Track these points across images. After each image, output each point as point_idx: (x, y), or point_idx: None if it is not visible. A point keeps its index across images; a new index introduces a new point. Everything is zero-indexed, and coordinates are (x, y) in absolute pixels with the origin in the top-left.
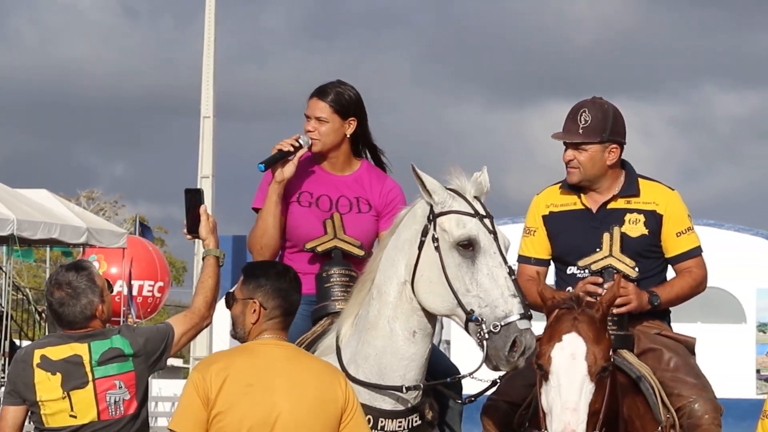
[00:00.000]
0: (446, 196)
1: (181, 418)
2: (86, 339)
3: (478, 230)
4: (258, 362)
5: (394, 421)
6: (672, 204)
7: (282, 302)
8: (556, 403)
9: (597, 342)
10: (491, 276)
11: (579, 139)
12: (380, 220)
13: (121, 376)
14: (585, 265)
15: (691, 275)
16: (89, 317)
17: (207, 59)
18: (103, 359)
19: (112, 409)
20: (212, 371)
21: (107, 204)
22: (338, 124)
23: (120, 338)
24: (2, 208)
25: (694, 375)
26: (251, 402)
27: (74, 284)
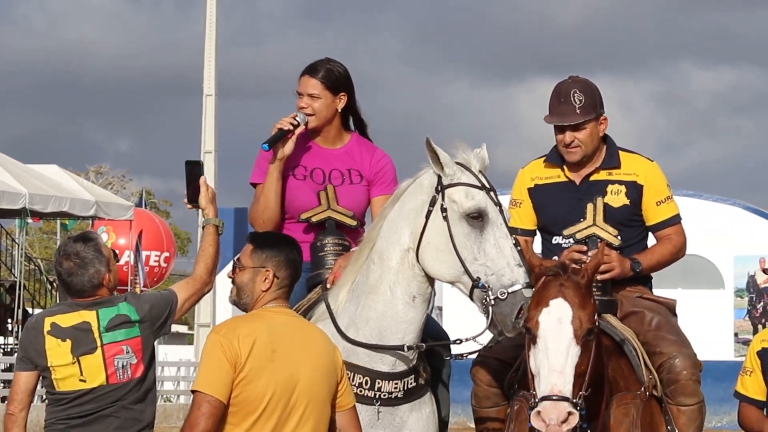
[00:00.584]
0: (456, 168)
1: (209, 379)
2: (94, 306)
3: (486, 202)
4: (276, 329)
5: (391, 383)
6: (651, 175)
7: (292, 272)
8: (544, 366)
9: (582, 307)
10: (498, 246)
11: (580, 119)
12: (371, 188)
13: (128, 341)
14: (570, 235)
15: (671, 242)
16: (97, 286)
17: (209, 40)
18: (111, 325)
19: (119, 373)
20: (240, 336)
21: (115, 178)
22: (330, 100)
23: (126, 305)
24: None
25: (674, 332)
26: (276, 368)
27: (82, 254)
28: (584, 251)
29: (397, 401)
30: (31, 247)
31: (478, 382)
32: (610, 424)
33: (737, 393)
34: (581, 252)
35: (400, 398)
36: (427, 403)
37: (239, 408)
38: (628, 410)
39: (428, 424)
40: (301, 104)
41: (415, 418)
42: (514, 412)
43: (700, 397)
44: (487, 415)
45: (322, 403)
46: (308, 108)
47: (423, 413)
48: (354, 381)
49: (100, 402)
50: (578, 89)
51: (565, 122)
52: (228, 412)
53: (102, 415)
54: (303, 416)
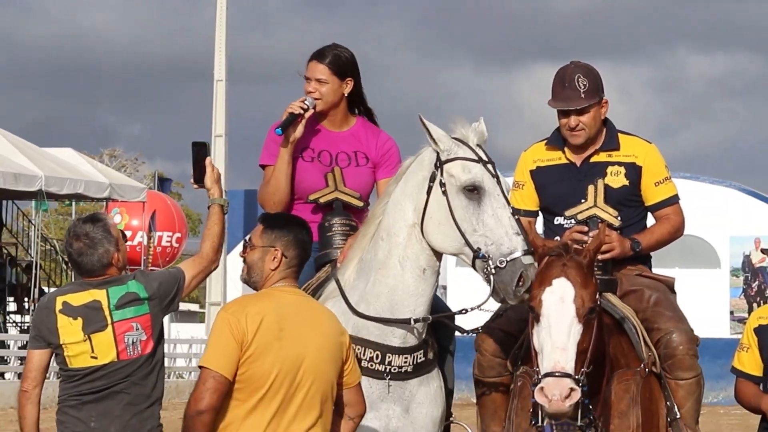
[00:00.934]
0: (451, 144)
1: (215, 356)
2: (104, 285)
3: (483, 175)
4: (284, 308)
5: (401, 357)
6: (650, 156)
7: (301, 252)
8: (547, 343)
9: (584, 286)
10: (496, 216)
11: (585, 104)
12: (377, 170)
13: (137, 318)
14: (571, 215)
15: (670, 222)
16: (106, 265)
17: (219, 27)
18: (121, 303)
19: (130, 350)
20: (248, 314)
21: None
22: (337, 85)
23: (135, 283)
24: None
25: (671, 309)
26: (283, 346)
27: (91, 235)
28: (585, 232)
29: (407, 375)
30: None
31: (483, 352)
32: (611, 399)
33: (734, 369)
34: (582, 232)
35: (410, 372)
36: (434, 377)
37: (246, 385)
38: (629, 386)
39: (436, 398)
40: (309, 89)
41: (424, 392)
42: (517, 388)
43: (697, 371)
44: (490, 384)
45: (327, 382)
46: (316, 92)
47: (431, 387)
48: (365, 355)
49: (111, 378)
50: (582, 74)
51: (571, 107)
52: (235, 388)
53: (113, 391)
54: (308, 394)
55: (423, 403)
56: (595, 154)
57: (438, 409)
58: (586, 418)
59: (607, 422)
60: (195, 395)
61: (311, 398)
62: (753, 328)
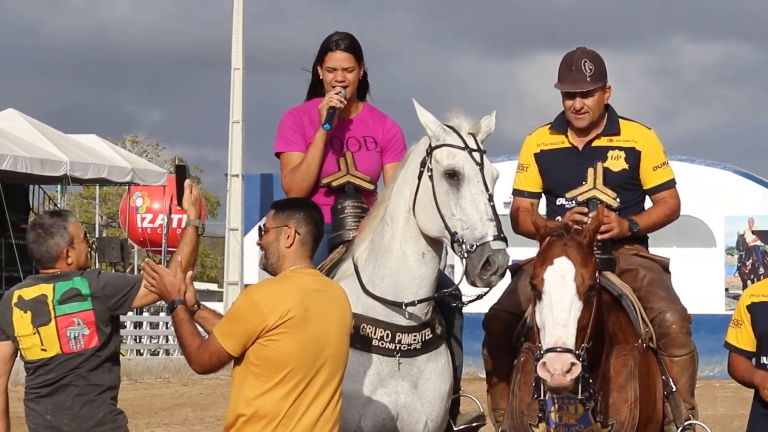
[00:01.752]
0: (440, 130)
1: (227, 332)
2: (52, 280)
3: (465, 162)
4: (307, 290)
5: (410, 335)
6: (649, 141)
7: (313, 229)
8: (548, 320)
9: (584, 265)
10: (473, 202)
11: (590, 87)
12: (384, 155)
13: (79, 314)
14: (572, 197)
15: (666, 205)
16: (54, 257)
17: (236, 16)
18: (64, 298)
19: (72, 343)
20: (273, 297)
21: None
22: (358, 70)
23: (81, 279)
24: (56, 151)
25: (664, 289)
26: (309, 326)
27: (46, 225)
28: (585, 212)
29: (416, 352)
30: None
31: (491, 333)
32: (609, 374)
33: (727, 344)
34: (582, 213)
35: (419, 349)
36: (442, 354)
37: (266, 362)
38: (627, 361)
39: (443, 373)
40: (338, 78)
41: (432, 368)
42: (520, 363)
43: (690, 347)
44: (497, 364)
45: (344, 356)
46: (345, 81)
47: (439, 363)
48: (376, 334)
49: (59, 371)
50: (588, 59)
51: (577, 89)
52: (255, 364)
53: (62, 384)
54: (331, 372)
55: (431, 379)
56: (597, 138)
57: (446, 383)
58: (586, 392)
59: (606, 395)
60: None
61: (332, 376)
62: (746, 305)
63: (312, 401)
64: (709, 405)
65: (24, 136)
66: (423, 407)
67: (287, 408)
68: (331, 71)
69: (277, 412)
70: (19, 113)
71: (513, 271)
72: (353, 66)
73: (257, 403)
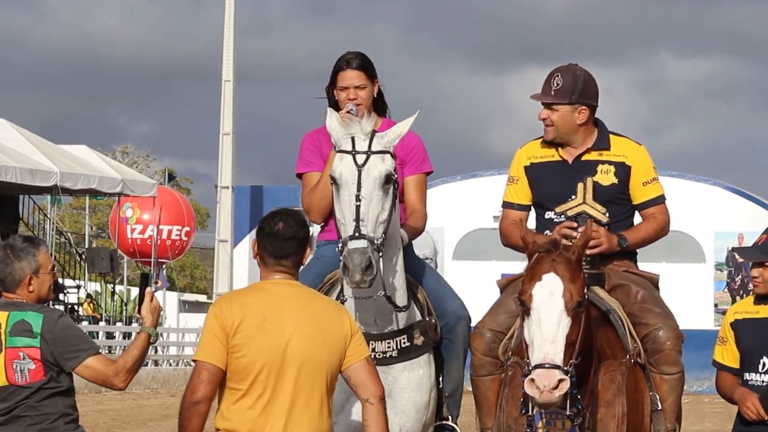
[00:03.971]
0: (340, 137)
1: (206, 349)
2: (9, 308)
3: (345, 167)
4: (269, 299)
5: (383, 343)
6: (639, 157)
7: (268, 245)
8: (537, 336)
9: (573, 281)
10: (347, 204)
11: (550, 100)
12: (404, 167)
13: (26, 349)
14: (561, 211)
15: (656, 220)
16: (17, 282)
17: (228, 30)
18: (14, 331)
19: (18, 376)
20: (234, 308)
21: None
22: (371, 88)
23: (35, 315)
24: (47, 161)
25: (658, 305)
26: (265, 335)
27: (17, 249)
28: (574, 227)
29: (392, 360)
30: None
31: (475, 352)
32: (597, 389)
33: (715, 362)
34: (571, 228)
35: (395, 357)
36: (421, 365)
37: (235, 374)
38: (615, 376)
39: (420, 385)
40: (351, 96)
41: (407, 377)
42: (508, 377)
43: (681, 367)
44: (483, 382)
45: (319, 368)
46: (357, 99)
47: (415, 374)
48: None
49: (10, 401)
50: (561, 74)
51: (536, 99)
52: (229, 378)
53: (15, 416)
54: (297, 382)
55: (406, 389)
56: (587, 152)
57: (422, 395)
58: (574, 408)
59: (593, 411)
60: (191, 387)
61: (301, 385)
62: (729, 322)
63: (287, 412)
64: (697, 420)
65: (14, 147)
66: (396, 417)
67: (255, 418)
68: (343, 90)
69: (244, 423)
70: (9, 123)
71: (502, 287)
72: (365, 83)
73: (228, 414)
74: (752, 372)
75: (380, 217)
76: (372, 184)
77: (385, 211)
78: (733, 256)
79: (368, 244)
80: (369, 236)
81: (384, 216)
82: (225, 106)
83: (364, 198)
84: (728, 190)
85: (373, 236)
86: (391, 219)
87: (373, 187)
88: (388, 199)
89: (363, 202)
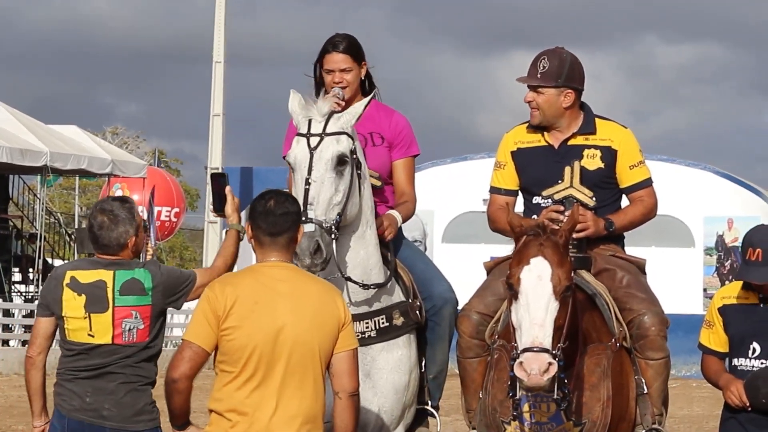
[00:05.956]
0: (299, 120)
1: (195, 329)
2: (113, 267)
3: (298, 151)
4: (263, 281)
5: (361, 323)
6: (625, 140)
7: (261, 223)
8: (525, 320)
9: (560, 265)
10: (300, 188)
11: (536, 83)
12: (392, 150)
13: (138, 307)
14: (548, 195)
15: (643, 203)
16: (122, 245)
17: (219, 9)
18: (125, 289)
19: (125, 335)
20: (226, 291)
21: (129, 139)
22: (357, 70)
23: (143, 272)
24: (37, 142)
25: (643, 291)
26: (257, 318)
27: (116, 212)
28: (561, 211)
29: (371, 340)
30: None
31: (462, 334)
32: (583, 372)
33: (700, 344)
34: (558, 212)
35: (374, 337)
36: (400, 346)
37: (228, 357)
38: (600, 360)
39: (399, 366)
40: (336, 79)
41: (385, 358)
42: (494, 360)
43: (666, 352)
44: (470, 364)
45: (311, 352)
46: (343, 82)
47: (394, 355)
48: None
49: (106, 358)
50: (547, 57)
51: (523, 81)
52: (221, 360)
53: (108, 371)
54: (289, 365)
55: (384, 369)
56: (573, 137)
57: (401, 376)
58: (561, 391)
59: (579, 394)
60: (172, 363)
61: (293, 369)
62: (717, 307)
63: (279, 394)
64: (685, 405)
65: (5, 126)
66: (375, 397)
67: (246, 399)
68: (329, 73)
69: (235, 404)
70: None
71: (488, 269)
72: (351, 67)
73: (219, 395)
74: (741, 357)
75: (333, 199)
76: (324, 167)
77: (339, 193)
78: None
79: (315, 227)
80: (317, 219)
81: (338, 198)
82: (216, 87)
83: (314, 181)
84: (718, 174)
85: (323, 219)
86: (348, 200)
87: (324, 170)
88: (344, 181)
89: (313, 185)
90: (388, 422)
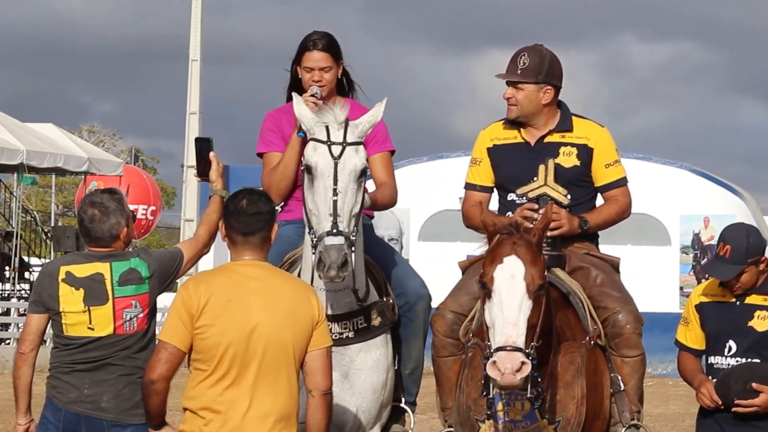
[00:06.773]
0: (313, 124)
1: (169, 330)
2: (108, 259)
3: (320, 156)
4: (237, 280)
5: (339, 324)
6: (602, 139)
7: (234, 223)
8: (498, 319)
9: (534, 264)
10: (323, 197)
11: (516, 79)
12: (368, 146)
13: (137, 296)
14: (522, 193)
15: (617, 203)
16: (114, 237)
17: (195, 8)
18: (123, 280)
19: (126, 326)
20: (200, 289)
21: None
22: (336, 69)
23: (138, 261)
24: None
25: (618, 289)
26: (231, 316)
27: (106, 204)
28: (535, 209)
29: (349, 341)
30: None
31: (436, 333)
32: (557, 370)
33: (677, 341)
34: (532, 210)
35: (352, 338)
36: (378, 346)
37: (202, 355)
38: (574, 358)
39: (377, 365)
40: (315, 78)
41: (363, 358)
42: (468, 358)
43: (641, 350)
44: (444, 363)
45: (285, 350)
46: (322, 80)
47: (372, 355)
48: None
49: (106, 350)
50: (527, 54)
51: (503, 77)
52: (195, 359)
53: (107, 363)
54: (263, 363)
55: (362, 369)
56: (549, 134)
57: (379, 376)
58: (535, 390)
59: (553, 392)
60: (149, 365)
61: (267, 367)
62: (694, 305)
63: (252, 392)
64: (661, 403)
65: None
66: (353, 398)
67: (219, 397)
68: (308, 71)
69: (209, 402)
70: None
71: (463, 268)
72: (330, 65)
73: (192, 393)
74: (717, 355)
75: (353, 210)
76: (348, 177)
77: (358, 204)
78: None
79: (344, 240)
80: (345, 232)
81: (357, 209)
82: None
83: (341, 192)
84: (694, 173)
85: (348, 231)
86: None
87: (348, 180)
88: (361, 192)
89: (339, 196)
90: (365, 422)
